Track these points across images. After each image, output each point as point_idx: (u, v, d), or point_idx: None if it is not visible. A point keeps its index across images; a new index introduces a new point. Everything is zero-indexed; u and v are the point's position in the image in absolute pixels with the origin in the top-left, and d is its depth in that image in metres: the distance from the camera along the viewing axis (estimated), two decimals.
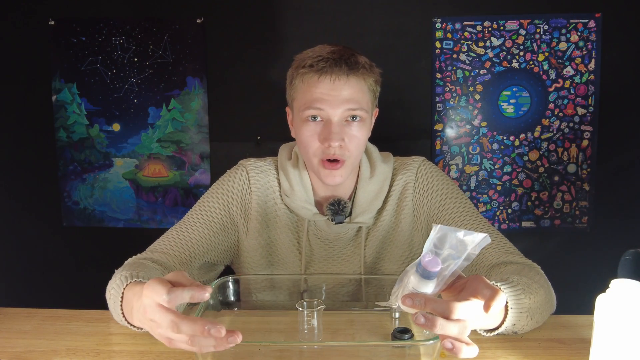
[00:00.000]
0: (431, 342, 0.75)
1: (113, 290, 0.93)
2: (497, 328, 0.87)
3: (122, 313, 0.91)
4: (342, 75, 1.07)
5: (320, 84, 1.07)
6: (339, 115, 1.08)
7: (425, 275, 0.70)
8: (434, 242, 0.70)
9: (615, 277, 0.83)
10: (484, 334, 0.89)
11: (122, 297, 0.91)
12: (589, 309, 0.82)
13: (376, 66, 1.14)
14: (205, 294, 0.72)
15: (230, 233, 1.21)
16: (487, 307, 0.69)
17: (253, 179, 1.21)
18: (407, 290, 0.72)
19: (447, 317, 0.68)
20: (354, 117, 1.09)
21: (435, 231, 0.70)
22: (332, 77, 1.07)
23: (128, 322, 0.91)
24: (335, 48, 1.10)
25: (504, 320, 0.86)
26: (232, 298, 1.05)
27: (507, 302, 0.85)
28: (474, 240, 0.69)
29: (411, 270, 0.72)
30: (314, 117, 1.09)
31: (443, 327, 0.67)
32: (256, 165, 1.23)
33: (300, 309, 0.90)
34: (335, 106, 1.07)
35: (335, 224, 1.17)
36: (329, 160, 1.10)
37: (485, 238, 0.70)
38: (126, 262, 1.06)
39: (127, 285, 0.90)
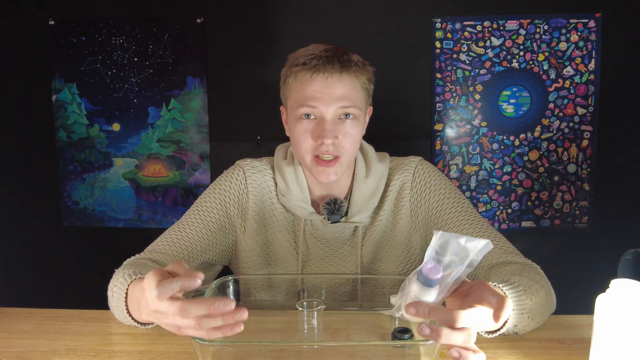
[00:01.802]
0: (431, 342, 0.75)
1: (116, 288, 0.93)
2: (499, 329, 0.87)
3: (127, 310, 0.91)
4: (334, 72, 1.07)
5: (313, 82, 1.07)
6: (332, 113, 1.08)
7: (427, 283, 0.69)
8: (436, 249, 0.70)
9: (615, 277, 0.83)
10: (486, 335, 0.88)
11: (126, 295, 0.91)
12: (589, 309, 0.82)
13: (370, 65, 1.14)
14: (196, 281, 0.72)
15: (228, 233, 1.21)
16: (497, 317, 0.68)
17: (250, 179, 1.21)
18: (409, 299, 0.71)
19: (451, 326, 0.67)
20: (347, 115, 1.09)
21: (437, 238, 0.70)
22: (325, 75, 1.07)
23: (133, 319, 0.91)
24: (329, 46, 1.11)
25: (505, 321, 0.85)
26: (231, 298, 1.05)
27: None
28: (476, 246, 0.69)
29: (413, 279, 0.71)
30: (308, 115, 1.09)
31: (448, 336, 0.67)
32: (252, 165, 1.23)
33: (300, 309, 0.89)
34: (329, 104, 1.07)
35: (331, 223, 1.17)
36: (322, 160, 1.10)
37: (487, 244, 0.69)
38: (125, 262, 1.06)
39: (131, 282, 0.91)
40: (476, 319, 0.68)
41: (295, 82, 1.10)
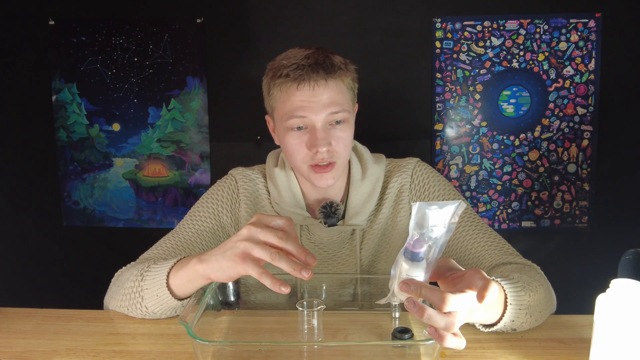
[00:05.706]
0: (431, 342, 0.75)
1: (152, 272, 0.96)
2: (495, 324, 0.87)
3: (167, 283, 0.94)
4: (320, 80, 1.05)
5: (299, 92, 1.06)
6: (323, 120, 1.07)
7: (414, 257, 0.70)
8: (416, 221, 0.71)
9: (615, 277, 0.83)
10: (483, 329, 0.89)
11: (169, 272, 0.94)
12: (589, 309, 0.82)
13: (351, 62, 1.13)
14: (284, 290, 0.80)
15: (221, 241, 1.20)
16: (480, 297, 0.68)
17: (242, 188, 1.21)
18: (401, 278, 0.72)
19: (439, 307, 0.68)
20: (337, 122, 1.09)
21: (415, 211, 0.71)
22: (311, 84, 1.05)
23: (168, 288, 0.94)
24: (309, 52, 1.08)
25: (502, 316, 0.86)
26: (232, 298, 1.05)
27: (506, 298, 0.85)
28: (450, 209, 0.70)
29: (401, 258, 0.72)
30: (299, 127, 1.08)
31: (430, 317, 0.68)
32: (244, 175, 1.23)
33: (300, 308, 0.89)
34: (318, 111, 1.06)
35: (328, 226, 1.16)
36: (319, 166, 1.09)
37: (460, 204, 0.70)
38: (121, 270, 1.06)
39: (177, 261, 0.95)
40: (464, 304, 0.69)
41: (281, 94, 1.09)
